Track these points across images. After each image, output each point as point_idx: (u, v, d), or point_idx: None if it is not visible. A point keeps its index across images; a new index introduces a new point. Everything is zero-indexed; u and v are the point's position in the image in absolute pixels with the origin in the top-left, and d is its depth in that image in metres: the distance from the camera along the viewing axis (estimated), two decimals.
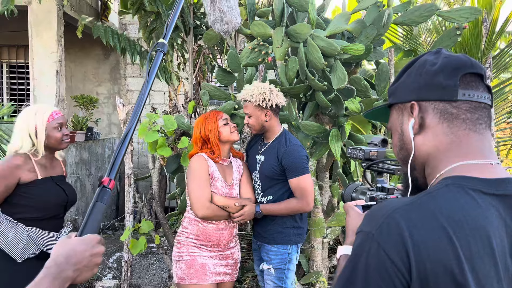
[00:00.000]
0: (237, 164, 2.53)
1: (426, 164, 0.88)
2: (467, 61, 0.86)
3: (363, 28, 3.03)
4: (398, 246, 0.71)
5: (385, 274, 0.71)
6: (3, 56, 7.15)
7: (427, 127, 0.87)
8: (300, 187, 2.30)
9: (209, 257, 2.32)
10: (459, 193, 0.76)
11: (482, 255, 0.72)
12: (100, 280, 3.65)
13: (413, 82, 0.89)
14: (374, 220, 0.76)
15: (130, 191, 3.22)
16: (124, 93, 7.36)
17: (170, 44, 3.69)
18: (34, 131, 2.15)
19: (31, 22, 4.72)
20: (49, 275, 0.91)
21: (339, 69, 2.82)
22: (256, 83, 2.46)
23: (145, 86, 1.19)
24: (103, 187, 1.08)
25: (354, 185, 1.23)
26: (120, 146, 1.10)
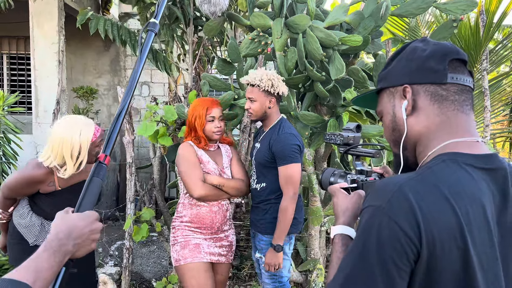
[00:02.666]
0: (226, 148, 2.57)
1: (418, 143, 0.94)
2: (453, 48, 0.93)
3: (361, 19, 3.07)
4: (409, 217, 0.75)
5: (398, 245, 0.75)
6: (3, 47, 7.17)
7: (419, 109, 0.93)
8: (286, 176, 2.28)
9: (203, 239, 2.38)
10: (455, 168, 0.83)
11: (479, 222, 0.79)
12: (102, 267, 3.72)
13: (404, 67, 0.95)
14: (383, 195, 0.80)
15: (131, 179, 3.27)
16: (124, 84, 7.39)
17: (170, 35, 3.73)
18: (77, 151, 2.04)
19: (32, 13, 4.74)
20: (50, 249, 0.94)
21: (337, 60, 2.86)
22: (263, 70, 2.48)
23: (137, 64, 1.22)
24: (99, 163, 1.12)
25: (331, 170, 1.28)
26: (114, 123, 1.14)
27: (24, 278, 0.83)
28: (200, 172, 2.34)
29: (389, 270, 0.75)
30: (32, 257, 0.92)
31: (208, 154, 2.43)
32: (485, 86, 3.50)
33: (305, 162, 3.23)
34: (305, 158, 3.21)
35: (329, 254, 3.79)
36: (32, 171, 2.07)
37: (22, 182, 2.09)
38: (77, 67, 7.20)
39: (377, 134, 3.13)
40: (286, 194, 2.28)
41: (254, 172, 2.48)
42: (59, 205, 2.13)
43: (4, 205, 2.21)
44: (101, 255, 4.03)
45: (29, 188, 2.12)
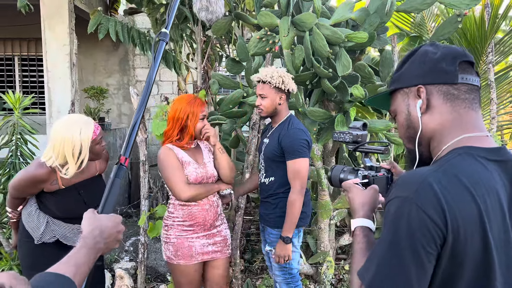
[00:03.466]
0: (204, 144, 2.57)
1: (432, 139, 1.02)
2: (461, 51, 1.01)
3: (366, 16, 3.12)
4: (435, 206, 0.83)
5: (426, 231, 0.82)
6: (15, 49, 7.30)
7: (432, 107, 1.01)
8: (294, 170, 2.35)
9: (196, 237, 2.42)
10: (471, 160, 0.91)
11: (495, 210, 0.87)
12: (118, 262, 3.83)
13: (417, 69, 1.03)
14: (410, 187, 0.87)
15: (145, 177, 3.36)
16: (133, 83, 7.50)
17: (179, 34, 3.81)
18: (78, 150, 2.08)
19: (44, 16, 4.84)
20: (86, 246, 1.07)
21: (343, 57, 2.92)
22: (273, 67, 2.54)
23: (151, 72, 1.32)
24: (120, 165, 1.23)
25: (340, 167, 1.35)
26: (131, 129, 1.26)
27: (66, 272, 0.93)
28: (182, 175, 2.35)
29: (419, 254, 0.83)
30: (71, 253, 1.03)
31: (188, 153, 2.44)
32: (491, 79, 3.53)
33: (313, 157, 3.30)
34: (314, 153, 3.28)
35: (338, 247, 3.86)
36: (35, 171, 2.11)
37: (26, 181, 2.13)
38: (87, 67, 7.32)
39: (384, 129, 3.19)
40: (294, 187, 2.35)
41: (263, 166, 2.55)
42: (63, 203, 2.21)
43: (13, 205, 2.28)
44: (117, 250, 4.14)
45: (32, 188, 2.16)
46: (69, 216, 2.24)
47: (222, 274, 2.56)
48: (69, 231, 2.26)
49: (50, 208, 2.22)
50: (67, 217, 2.24)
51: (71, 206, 2.22)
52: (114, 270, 3.62)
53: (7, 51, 7.31)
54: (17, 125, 3.28)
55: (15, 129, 3.26)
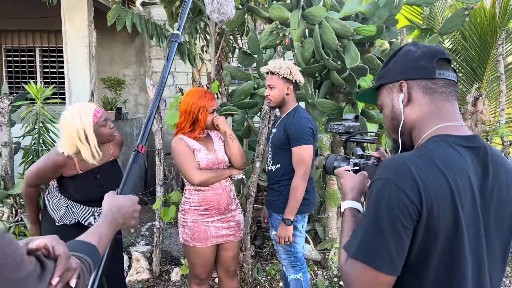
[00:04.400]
0: (215, 133, 2.69)
1: (413, 129, 1.14)
2: (440, 49, 1.13)
3: (376, 9, 3.18)
4: (412, 185, 0.94)
5: (404, 208, 0.93)
6: (35, 41, 7.53)
7: (413, 100, 1.12)
8: (299, 156, 2.46)
9: (211, 221, 2.55)
10: (446, 146, 1.02)
11: (465, 189, 0.98)
12: (134, 245, 4.01)
13: (400, 66, 1.15)
14: (390, 169, 0.99)
15: (160, 165, 3.52)
16: (149, 74, 7.66)
17: (194, 27, 3.92)
18: (84, 135, 2.17)
19: (64, 8, 5.01)
20: (106, 220, 1.20)
21: (352, 49, 3.00)
22: (281, 60, 2.64)
23: (164, 71, 1.45)
24: (138, 152, 1.37)
25: (333, 156, 1.47)
26: (148, 119, 1.39)
27: (93, 241, 1.08)
28: (194, 161, 2.49)
29: (398, 229, 0.94)
30: (94, 226, 1.17)
31: (199, 142, 2.56)
32: (501, 71, 3.57)
33: (322, 147, 3.40)
34: (322, 144, 3.38)
35: None
36: (55, 157, 2.23)
37: (47, 166, 2.26)
38: (105, 58, 7.50)
39: None
40: (297, 173, 2.47)
41: (270, 154, 2.67)
42: (81, 187, 2.36)
43: (29, 196, 2.38)
44: (133, 235, 4.33)
45: (53, 173, 2.29)
46: (87, 199, 2.37)
47: (232, 256, 2.70)
48: (88, 213, 2.40)
49: (70, 192, 2.36)
50: (86, 200, 2.38)
51: (89, 190, 2.35)
52: (131, 253, 3.80)
53: (29, 42, 7.55)
54: (39, 115, 3.46)
55: (37, 118, 3.44)
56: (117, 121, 6.15)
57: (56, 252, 0.86)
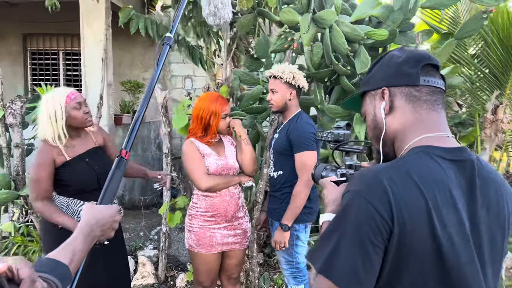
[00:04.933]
0: (227, 138, 2.66)
1: (395, 139, 1.05)
2: (426, 55, 1.04)
3: (390, 13, 3.08)
4: (383, 200, 0.86)
5: (373, 223, 0.86)
6: (59, 44, 7.69)
7: (396, 108, 1.04)
8: (302, 162, 2.39)
9: (217, 228, 2.51)
10: (426, 158, 0.94)
11: (446, 204, 0.89)
12: (142, 249, 4.00)
13: (383, 72, 1.07)
14: (362, 181, 0.92)
15: (167, 169, 3.49)
16: (168, 78, 7.71)
17: (206, 31, 3.90)
18: (54, 116, 2.19)
19: (82, 13, 5.09)
20: (83, 234, 1.15)
21: (362, 54, 2.90)
22: (286, 64, 2.59)
23: (154, 73, 1.40)
24: (121, 158, 1.30)
25: (323, 165, 1.38)
26: (134, 124, 1.32)
27: (64, 259, 1.03)
28: (203, 166, 2.46)
29: (366, 247, 0.86)
30: (68, 240, 1.12)
31: (210, 147, 2.53)
32: None
33: (330, 154, 3.30)
34: (330, 150, 3.28)
35: None
36: (42, 146, 2.25)
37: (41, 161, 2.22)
38: (125, 61, 7.59)
39: None
40: (300, 179, 2.39)
41: (272, 160, 2.60)
42: (75, 174, 2.30)
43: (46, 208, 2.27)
44: (142, 238, 4.32)
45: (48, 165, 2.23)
46: (85, 186, 2.33)
47: (236, 264, 2.66)
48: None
49: (66, 184, 2.31)
50: (84, 190, 2.33)
51: (83, 175, 2.31)
52: (137, 257, 3.79)
53: (53, 45, 7.72)
54: None
55: None
56: None
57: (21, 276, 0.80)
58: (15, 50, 7.62)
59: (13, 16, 6.99)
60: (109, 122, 5.25)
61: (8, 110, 3.42)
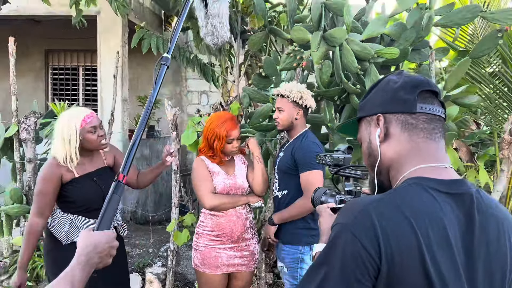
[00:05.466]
0: (239, 157, 2.63)
1: (391, 168, 1.00)
2: (424, 80, 0.99)
3: (402, 31, 3.03)
4: (370, 235, 0.82)
5: (359, 260, 0.82)
6: (79, 60, 7.88)
7: (391, 136, 0.99)
8: (307, 182, 2.32)
9: (223, 248, 2.46)
10: (420, 191, 0.88)
11: (439, 242, 0.84)
12: (150, 266, 3.98)
13: (378, 98, 1.02)
14: (349, 214, 0.88)
15: (176, 186, 3.48)
16: (184, 93, 7.79)
17: (218, 49, 3.92)
18: (68, 138, 2.19)
19: (100, 30, 5.21)
20: (81, 263, 1.12)
21: (373, 73, 2.85)
22: (294, 82, 2.56)
23: (151, 94, 1.37)
24: (119, 182, 1.27)
25: (323, 190, 1.33)
26: (131, 147, 1.29)
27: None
28: (210, 184, 2.45)
29: (351, 283, 0.82)
30: (66, 270, 1.10)
31: (220, 165, 2.52)
32: None
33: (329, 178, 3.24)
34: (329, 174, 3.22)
35: None
36: (51, 160, 2.26)
37: (49, 173, 2.22)
38: (143, 77, 7.71)
39: None
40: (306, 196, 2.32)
41: (277, 180, 2.55)
42: (82, 191, 2.30)
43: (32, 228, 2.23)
44: (151, 255, 4.30)
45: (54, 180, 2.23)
46: (89, 205, 2.32)
47: (242, 286, 2.61)
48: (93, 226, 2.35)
49: (71, 201, 2.30)
50: (88, 208, 2.32)
51: (89, 193, 2.31)
52: (145, 274, 3.76)
53: (73, 61, 7.91)
54: None
55: None
56: (148, 139, 6.26)
57: None
58: (37, 66, 7.84)
59: (36, 33, 7.20)
60: (123, 137, 5.30)
61: (22, 125, 3.48)
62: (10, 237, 3.67)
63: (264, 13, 3.39)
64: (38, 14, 5.51)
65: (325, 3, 3.01)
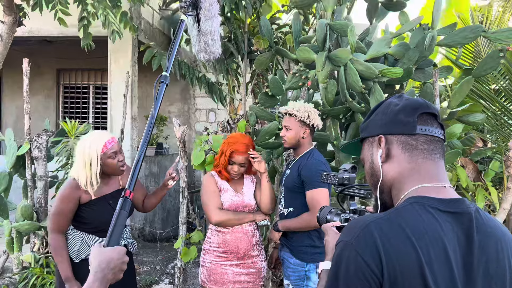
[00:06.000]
0: (250, 176, 2.69)
1: (392, 187, 1.04)
2: (423, 103, 1.04)
3: (405, 50, 3.09)
4: (372, 252, 0.86)
5: (362, 276, 0.85)
6: (90, 79, 8.04)
7: (392, 156, 1.03)
8: (313, 200, 2.36)
9: (229, 265, 2.50)
10: (421, 210, 0.92)
11: (439, 260, 0.87)
12: (158, 284, 4.00)
13: (380, 119, 1.07)
14: (352, 232, 0.92)
15: (183, 203, 3.53)
16: (193, 111, 7.89)
17: (225, 69, 4.01)
18: (89, 162, 2.24)
19: (110, 50, 5.34)
20: (98, 279, 1.18)
21: (377, 92, 2.90)
22: (301, 102, 2.62)
23: (152, 112, 1.43)
24: (126, 198, 1.32)
25: (328, 208, 1.36)
26: (136, 164, 1.35)
27: None
28: (217, 200, 2.51)
29: None
30: (84, 286, 1.15)
31: (229, 182, 2.59)
32: None
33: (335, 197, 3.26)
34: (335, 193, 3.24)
35: None
36: (71, 181, 2.32)
37: (68, 193, 2.29)
38: (151, 95, 7.83)
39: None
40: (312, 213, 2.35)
41: (283, 197, 2.59)
42: (97, 213, 2.36)
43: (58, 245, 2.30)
44: (158, 272, 4.32)
45: (71, 201, 2.29)
46: (103, 226, 2.34)
47: None
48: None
49: (86, 221, 2.36)
50: (101, 229, 2.37)
51: (104, 216, 2.34)
52: None
53: (84, 80, 8.08)
54: (73, 150, 3.61)
55: (70, 153, 3.60)
56: (157, 156, 6.33)
57: None
58: (49, 84, 8.01)
59: (48, 53, 7.38)
60: (132, 155, 5.38)
61: (34, 143, 3.56)
62: (20, 253, 3.72)
63: (270, 35, 3.47)
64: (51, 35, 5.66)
65: (330, 24, 3.08)
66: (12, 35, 3.88)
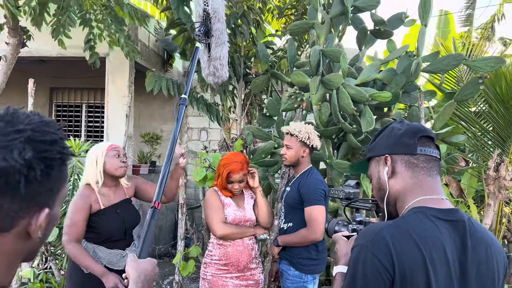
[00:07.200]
0: (248, 192, 2.83)
1: (397, 200, 1.22)
2: (422, 128, 1.24)
3: (393, 76, 3.33)
4: (386, 253, 1.02)
5: (378, 275, 1.01)
6: (83, 97, 8.15)
7: (397, 173, 1.22)
8: (311, 216, 2.54)
9: (230, 278, 2.62)
10: (424, 218, 1.10)
11: (440, 260, 1.05)
12: None
13: (385, 141, 1.26)
14: (367, 236, 1.08)
15: (182, 219, 3.65)
16: (185, 130, 8.03)
17: (222, 90, 4.20)
18: (95, 160, 2.50)
19: (108, 70, 5.50)
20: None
21: (367, 114, 3.12)
22: (302, 123, 2.81)
23: (174, 131, 1.61)
24: (155, 209, 1.48)
25: (335, 220, 1.54)
26: (162, 178, 1.51)
27: None
28: (221, 214, 2.65)
29: None
30: None
31: (231, 197, 2.73)
32: None
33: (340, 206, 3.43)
34: (340, 203, 3.42)
35: None
36: (82, 190, 2.49)
37: (78, 204, 2.43)
38: (145, 114, 7.97)
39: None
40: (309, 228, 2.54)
41: (283, 213, 2.76)
42: (107, 222, 2.52)
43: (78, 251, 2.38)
44: None
45: (84, 209, 2.44)
46: (112, 237, 2.51)
47: None
48: (114, 256, 2.52)
49: (96, 231, 2.49)
50: (110, 239, 2.51)
51: (113, 225, 2.51)
52: None
53: (77, 99, 8.18)
54: (75, 168, 3.73)
55: (73, 170, 3.71)
56: (150, 174, 6.42)
57: None
58: (42, 102, 8.07)
59: (42, 71, 7.48)
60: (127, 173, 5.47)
61: None
62: (19, 269, 3.77)
63: (266, 59, 3.69)
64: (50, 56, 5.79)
65: (323, 50, 3.31)
66: (16, 56, 4.01)
